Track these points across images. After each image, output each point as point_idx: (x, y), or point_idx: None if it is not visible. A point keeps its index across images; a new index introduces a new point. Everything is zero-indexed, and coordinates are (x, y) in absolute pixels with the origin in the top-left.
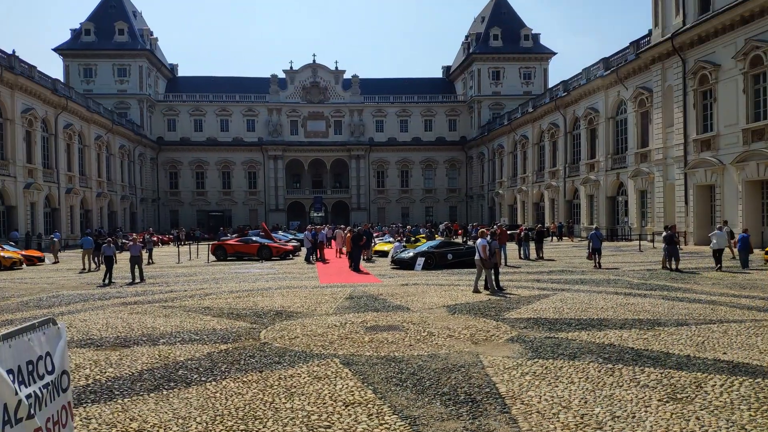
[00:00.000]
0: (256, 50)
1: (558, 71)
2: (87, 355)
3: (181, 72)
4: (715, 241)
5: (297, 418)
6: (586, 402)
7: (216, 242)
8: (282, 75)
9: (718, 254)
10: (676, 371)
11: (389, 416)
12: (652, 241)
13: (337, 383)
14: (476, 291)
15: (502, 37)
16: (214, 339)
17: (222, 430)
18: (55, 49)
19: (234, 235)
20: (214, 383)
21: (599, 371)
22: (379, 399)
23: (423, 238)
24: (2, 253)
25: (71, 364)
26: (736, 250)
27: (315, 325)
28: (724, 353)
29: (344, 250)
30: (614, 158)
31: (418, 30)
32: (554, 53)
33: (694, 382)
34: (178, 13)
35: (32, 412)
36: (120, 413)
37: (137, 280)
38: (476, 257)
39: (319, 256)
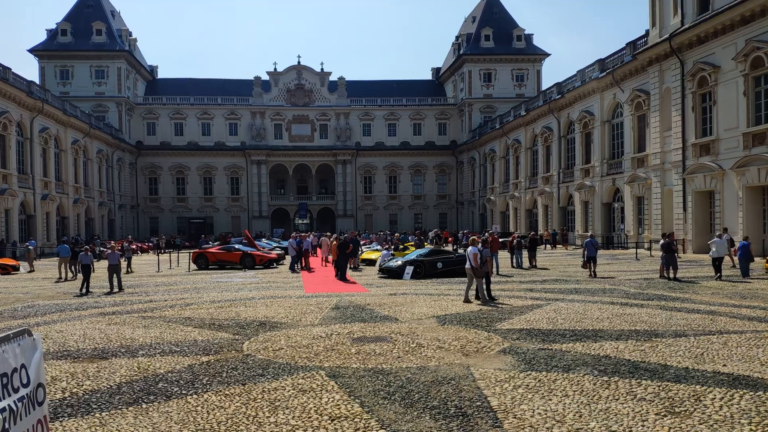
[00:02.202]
0: (239, 51)
1: (552, 73)
2: (63, 367)
3: (161, 74)
4: (714, 249)
5: None
6: (581, 416)
7: (197, 250)
8: (265, 77)
9: (717, 263)
10: (674, 384)
11: (377, 431)
12: (650, 249)
13: (322, 396)
14: (467, 301)
15: (493, 38)
16: (196, 351)
17: None
18: (31, 50)
19: (216, 243)
20: (195, 396)
21: (595, 384)
22: (367, 413)
23: (412, 246)
24: None
25: (47, 376)
26: (736, 259)
27: (300, 336)
28: (724, 365)
29: (330, 258)
30: (610, 163)
31: (407, 30)
32: (548, 54)
33: (693, 395)
34: (159, 12)
35: (7, 426)
36: (98, 427)
37: (115, 290)
38: (467, 266)
39: (304, 264)
